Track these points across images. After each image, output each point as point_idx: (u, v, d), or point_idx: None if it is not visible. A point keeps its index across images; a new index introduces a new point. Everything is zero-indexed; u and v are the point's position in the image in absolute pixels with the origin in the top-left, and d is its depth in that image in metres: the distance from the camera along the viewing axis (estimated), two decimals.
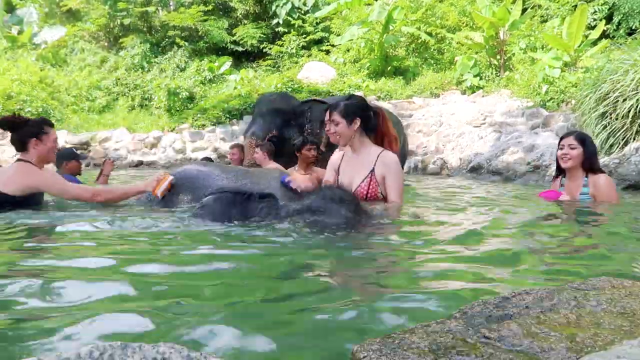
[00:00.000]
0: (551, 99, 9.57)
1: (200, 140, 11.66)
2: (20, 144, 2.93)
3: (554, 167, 6.89)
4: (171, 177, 2.98)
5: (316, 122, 5.30)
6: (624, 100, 5.82)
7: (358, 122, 2.79)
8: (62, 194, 2.99)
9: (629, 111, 5.73)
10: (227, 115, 12.07)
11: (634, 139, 5.67)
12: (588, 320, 0.85)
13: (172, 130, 12.16)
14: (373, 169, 2.76)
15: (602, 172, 3.33)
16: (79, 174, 4.80)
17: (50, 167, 3.85)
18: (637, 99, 5.71)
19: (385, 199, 2.77)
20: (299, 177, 3.34)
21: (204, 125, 11.95)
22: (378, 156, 2.78)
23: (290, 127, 5.34)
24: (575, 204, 3.27)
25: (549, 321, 0.85)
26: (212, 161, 7.00)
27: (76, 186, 3.14)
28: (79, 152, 6.12)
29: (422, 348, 0.75)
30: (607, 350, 0.72)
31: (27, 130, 2.90)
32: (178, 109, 13.04)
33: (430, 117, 10.83)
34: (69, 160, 4.77)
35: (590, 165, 3.26)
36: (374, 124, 2.88)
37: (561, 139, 3.39)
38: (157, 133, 11.87)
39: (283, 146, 5.15)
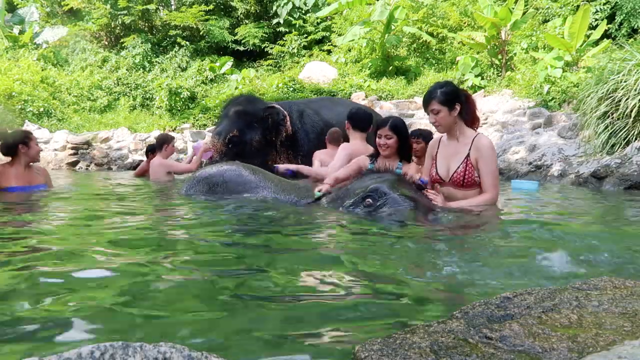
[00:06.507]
0: (553, 98, 9.55)
1: (202, 139, 11.65)
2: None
3: (555, 167, 6.90)
4: None
5: (274, 128, 5.29)
6: (627, 99, 5.80)
7: (458, 107, 2.73)
8: None
9: (631, 111, 5.71)
10: None
11: (636, 138, 5.65)
12: (589, 320, 0.85)
13: (173, 130, 12.16)
14: (468, 153, 2.71)
15: None
16: None
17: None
18: None
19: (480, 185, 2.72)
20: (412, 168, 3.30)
21: (205, 125, 11.94)
22: (473, 140, 2.73)
23: (253, 129, 5.27)
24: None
25: (550, 321, 0.84)
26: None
27: None
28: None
29: (424, 348, 0.75)
30: (609, 350, 0.72)
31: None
32: (179, 108, 13.03)
33: None
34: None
35: None
36: (470, 108, 2.81)
37: None
38: (159, 133, 11.88)
39: (244, 148, 5.13)
